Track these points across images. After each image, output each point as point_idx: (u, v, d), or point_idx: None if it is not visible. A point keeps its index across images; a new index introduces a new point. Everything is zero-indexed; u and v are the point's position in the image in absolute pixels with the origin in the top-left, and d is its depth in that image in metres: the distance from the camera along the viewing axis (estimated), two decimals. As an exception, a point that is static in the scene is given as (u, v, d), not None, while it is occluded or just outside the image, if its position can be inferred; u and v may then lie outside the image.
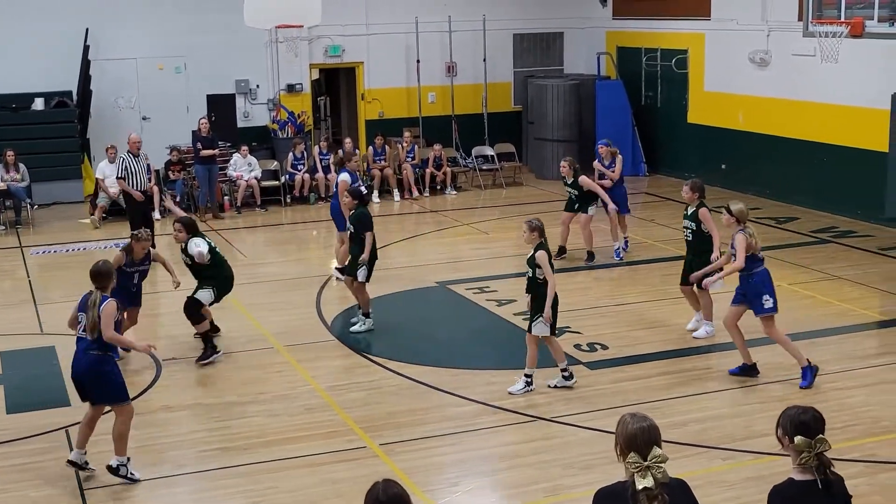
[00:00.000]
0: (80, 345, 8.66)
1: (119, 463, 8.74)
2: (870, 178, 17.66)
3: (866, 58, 17.01)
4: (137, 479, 8.72)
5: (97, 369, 8.59)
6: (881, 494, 8.07)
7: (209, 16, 21.53)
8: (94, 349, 8.54)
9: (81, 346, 8.64)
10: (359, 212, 12.52)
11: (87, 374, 8.64)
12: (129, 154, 16.46)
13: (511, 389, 10.44)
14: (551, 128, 22.77)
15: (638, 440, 4.71)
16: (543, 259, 10.23)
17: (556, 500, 8.31)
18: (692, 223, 11.86)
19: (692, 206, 11.90)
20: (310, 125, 22.92)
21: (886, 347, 11.84)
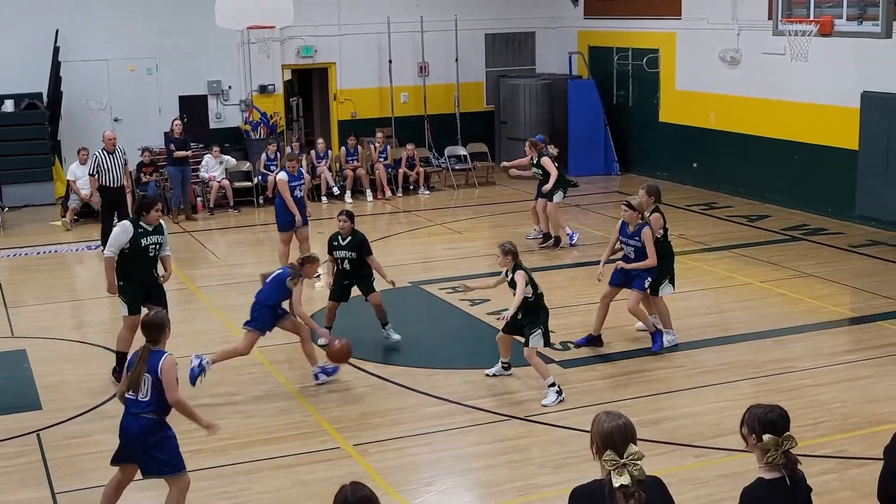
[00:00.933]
0: (131, 407, 7.44)
1: None
2: (840, 176, 17.80)
3: (836, 56, 17.14)
4: None
5: (153, 436, 7.43)
6: (852, 490, 8.13)
7: (180, 17, 21.44)
8: (149, 412, 7.40)
9: (132, 408, 7.43)
10: (360, 236, 12.06)
11: (138, 441, 7.44)
12: (103, 151, 16.44)
13: (545, 402, 10.19)
14: (524, 127, 22.79)
15: (614, 438, 4.74)
16: (522, 279, 10.34)
17: (530, 499, 8.33)
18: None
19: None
20: (282, 126, 22.88)
21: (857, 344, 11.93)
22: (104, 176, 16.41)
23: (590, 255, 15.99)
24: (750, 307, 13.21)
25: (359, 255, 11.92)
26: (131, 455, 7.56)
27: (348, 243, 11.93)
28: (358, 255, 11.90)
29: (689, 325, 12.46)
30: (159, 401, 7.39)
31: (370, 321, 13.07)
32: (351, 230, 11.94)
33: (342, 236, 11.96)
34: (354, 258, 11.91)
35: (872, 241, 16.52)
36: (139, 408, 7.39)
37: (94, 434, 9.79)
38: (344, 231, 11.94)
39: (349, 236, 11.95)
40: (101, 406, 10.44)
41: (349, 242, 11.94)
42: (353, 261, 11.93)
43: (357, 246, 11.95)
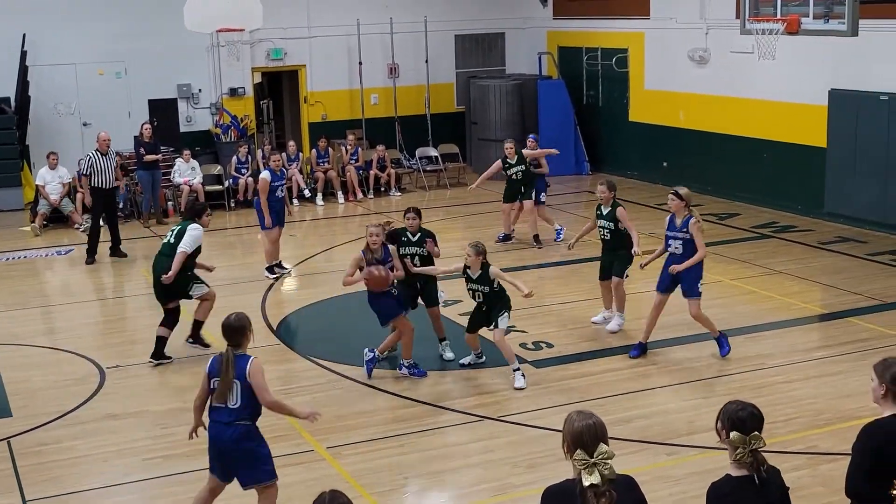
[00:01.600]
0: (220, 416, 7.23)
1: None
2: (809, 174, 17.92)
3: (803, 54, 17.25)
4: None
5: (248, 445, 7.24)
6: (823, 485, 8.18)
7: (149, 20, 21.31)
8: (242, 419, 7.19)
9: (222, 416, 7.21)
10: (427, 231, 11.56)
11: (234, 450, 7.24)
12: (96, 152, 16.48)
13: (517, 385, 10.60)
14: (494, 128, 22.83)
15: (584, 437, 4.74)
16: (497, 272, 10.70)
17: (504, 499, 8.33)
18: (609, 223, 12.24)
19: (607, 207, 12.25)
20: (253, 129, 22.81)
21: (828, 340, 12.01)
22: (97, 177, 16.42)
23: (562, 254, 16.02)
24: (721, 305, 13.27)
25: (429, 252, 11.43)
26: (226, 465, 7.36)
27: (418, 239, 11.44)
28: (429, 253, 11.42)
29: (661, 324, 12.46)
30: (251, 405, 7.20)
31: (342, 322, 13.08)
32: (419, 227, 11.42)
33: (411, 233, 11.46)
34: (425, 255, 11.43)
35: (841, 237, 16.64)
36: (231, 416, 7.18)
37: (65, 440, 9.74)
38: (412, 228, 11.43)
39: (418, 232, 11.45)
40: (72, 412, 10.38)
41: (419, 238, 11.44)
42: (424, 258, 11.44)
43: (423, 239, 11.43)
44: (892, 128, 16.33)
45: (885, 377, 5.53)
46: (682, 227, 11.13)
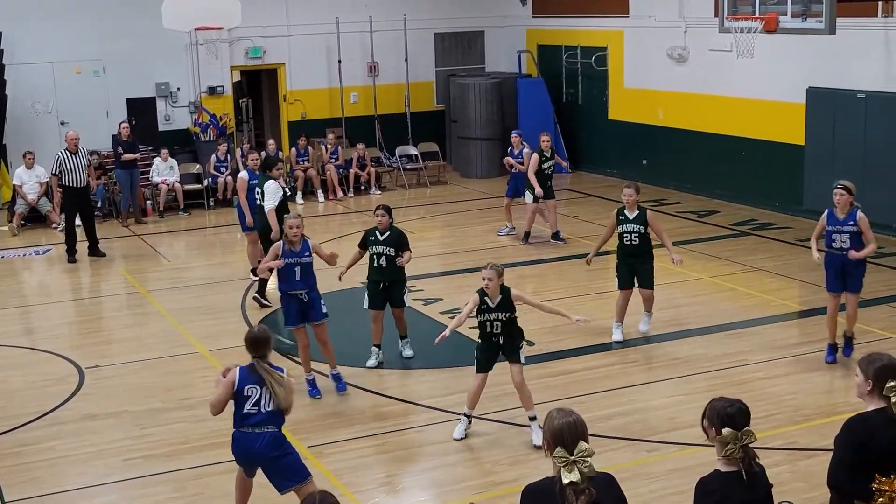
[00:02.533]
0: (249, 421, 7.29)
1: None
2: (787, 171, 18.00)
3: (781, 52, 17.32)
4: None
5: (277, 451, 7.36)
6: (803, 481, 8.22)
7: (127, 18, 21.20)
8: (272, 426, 7.32)
9: (251, 421, 7.28)
10: (398, 230, 11.38)
11: (263, 457, 7.38)
12: (65, 151, 16.44)
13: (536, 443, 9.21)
14: (474, 126, 22.83)
15: (564, 435, 4.74)
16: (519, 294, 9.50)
17: (485, 496, 8.33)
18: (639, 226, 11.62)
19: (633, 211, 11.66)
20: (232, 127, 22.73)
21: (807, 336, 12.06)
22: (67, 176, 16.40)
23: (544, 252, 16.05)
24: (701, 302, 13.32)
25: (397, 251, 11.19)
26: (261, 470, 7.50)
27: (386, 238, 11.25)
28: (396, 253, 11.17)
29: (641, 321, 12.54)
30: (279, 412, 7.31)
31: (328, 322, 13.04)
32: (389, 225, 11.19)
33: (380, 231, 11.24)
34: (392, 255, 11.20)
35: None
36: (259, 421, 7.27)
37: (44, 441, 9.69)
38: (382, 226, 11.21)
39: (388, 231, 11.23)
40: (51, 413, 10.33)
41: (387, 237, 11.25)
42: (391, 259, 11.23)
43: (396, 241, 11.26)
44: (869, 126, 16.43)
45: (869, 372, 5.56)
46: (846, 221, 10.66)
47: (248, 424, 7.30)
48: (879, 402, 5.53)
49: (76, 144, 16.49)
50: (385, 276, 11.32)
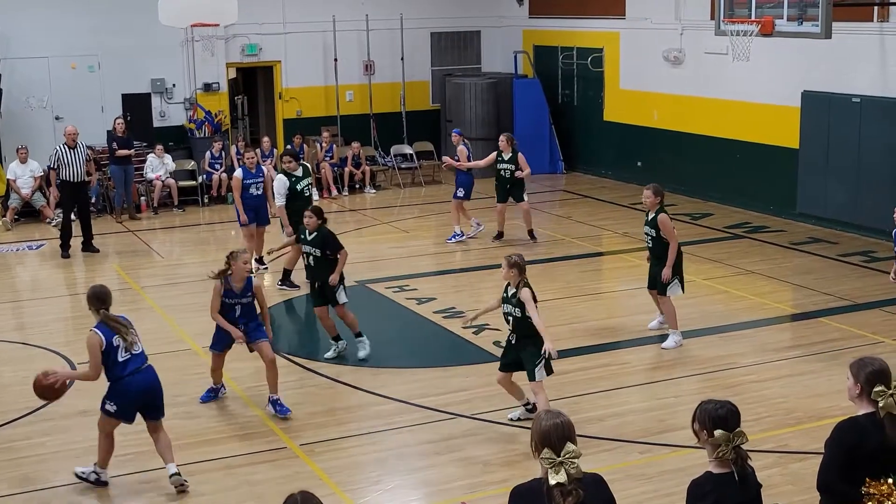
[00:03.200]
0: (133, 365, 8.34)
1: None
2: (782, 174, 18.02)
3: (777, 56, 17.34)
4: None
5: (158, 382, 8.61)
6: (793, 484, 8.24)
7: (123, 14, 21.17)
8: (146, 362, 8.52)
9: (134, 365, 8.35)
10: (325, 231, 11.45)
11: (158, 388, 8.58)
12: (64, 146, 16.43)
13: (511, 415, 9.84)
14: (469, 126, 22.81)
15: (552, 436, 4.75)
16: (530, 297, 9.31)
17: (476, 497, 8.33)
18: (651, 229, 11.59)
19: (652, 212, 11.58)
20: (227, 125, 22.71)
21: (799, 340, 12.08)
22: (65, 170, 16.40)
23: (537, 253, 16.05)
24: (694, 304, 13.33)
25: (323, 252, 11.32)
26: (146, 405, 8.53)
27: (314, 238, 11.41)
28: (322, 253, 11.31)
29: (634, 322, 12.56)
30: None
31: (316, 320, 13.05)
32: (318, 226, 11.35)
33: (308, 231, 11.42)
34: (319, 256, 11.36)
35: (813, 238, 16.75)
36: (139, 362, 8.42)
37: (34, 437, 9.69)
38: (309, 227, 11.38)
39: (315, 232, 11.40)
40: (42, 408, 10.30)
41: (315, 238, 11.42)
42: (318, 259, 11.37)
43: (321, 242, 11.38)
44: (863, 130, 16.45)
45: (859, 376, 5.58)
46: None
47: (132, 370, 8.32)
48: (869, 406, 5.55)
49: (75, 139, 16.46)
50: (315, 275, 11.46)
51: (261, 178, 14.90)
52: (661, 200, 11.54)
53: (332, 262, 11.33)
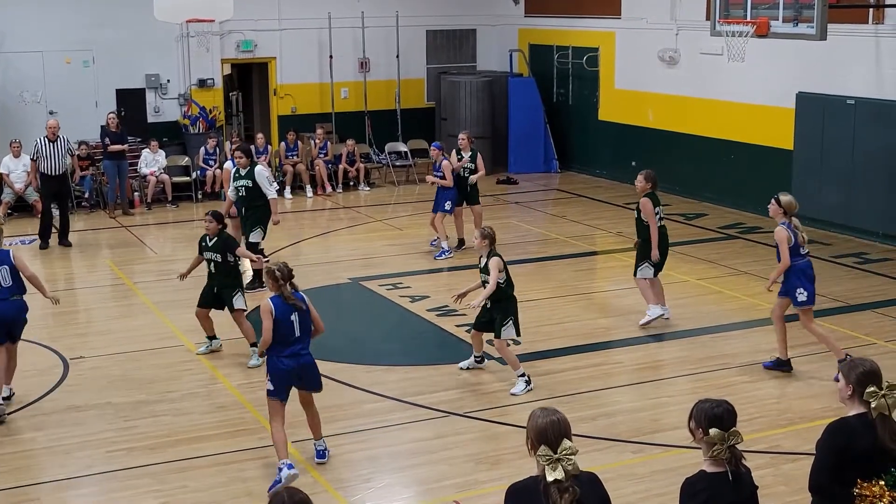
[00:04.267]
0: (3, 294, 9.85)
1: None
2: (776, 175, 18.00)
3: (772, 57, 17.35)
4: None
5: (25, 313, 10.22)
6: (786, 484, 8.24)
7: (118, 9, 21.12)
8: (16, 295, 9.99)
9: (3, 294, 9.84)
10: (225, 236, 11.57)
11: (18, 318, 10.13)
12: (44, 139, 16.74)
13: (513, 391, 10.34)
14: (464, 124, 22.75)
15: (548, 433, 4.75)
16: (496, 266, 10.22)
17: (468, 495, 8.32)
18: (636, 213, 12.33)
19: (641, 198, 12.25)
20: (221, 121, 22.67)
21: (791, 341, 12.00)
22: (43, 163, 16.72)
23: (529, 251, 16.05)
24: (687, 304, 13.34)
25: (224, 256, 11.36)
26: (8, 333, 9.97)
27: (214, 244, 11.43)
28: (223, 258, 11.36)
29: (627, 322, 12.57)
30: (18, 283, 9.96)
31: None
32: (217, 230, 11.41)
33: (209, 237, 11.48)
34: (220, 261, 11.39)
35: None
36: (7, 293, 9.85)
37: (26, 432, 9.66)
38: (210, 232, 11.45)
39: (216, 237, 11.44)
40: (33, 403, 10.29)
41: (216, 243, 11.43)
42: (219, 264, 11.41)
43: (221, 247, 11.40)
44: (857, 132, 16.46)
45: (850, 377, 5.59)
46: None
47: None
48: (860, 407, 5.55)
49: (55, 133, 16.74)
50: (215, 280, 11.51)
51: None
52: (652, 187, 12.18)
53: (234, 266, 11.50)
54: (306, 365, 8.60)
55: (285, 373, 8.49)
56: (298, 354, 8.52)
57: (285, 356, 8.46)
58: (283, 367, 8.47)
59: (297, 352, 8.51)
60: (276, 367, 8.49)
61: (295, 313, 8.49)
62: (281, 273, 8.51)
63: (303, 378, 8.61)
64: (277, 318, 8.41)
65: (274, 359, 8.51)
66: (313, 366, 8.69)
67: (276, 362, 8.49)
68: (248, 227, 13.81)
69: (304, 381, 8.66)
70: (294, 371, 8.53)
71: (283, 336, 8.43)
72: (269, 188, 13.97)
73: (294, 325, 8.48)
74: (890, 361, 10.91)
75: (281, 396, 8.52)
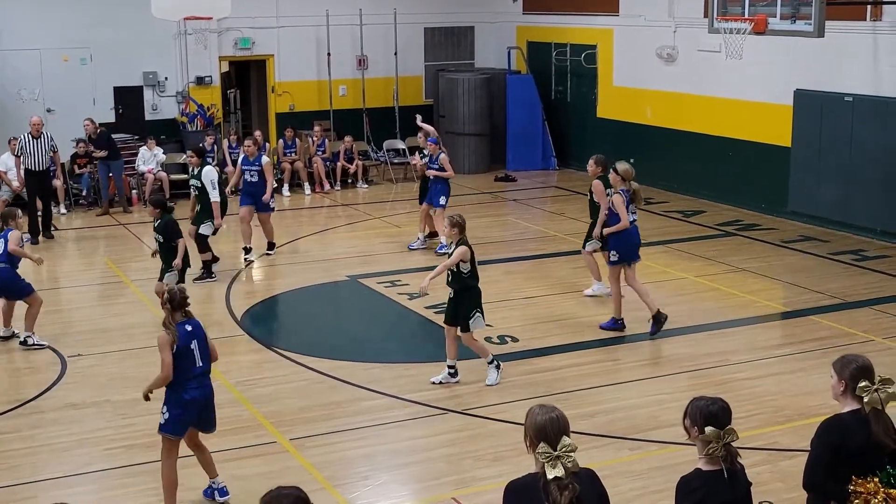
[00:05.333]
0: None
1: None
2: (773, 173, 18.04)
3: (769, 54, 17.35)
4: None
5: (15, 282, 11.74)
6: (782, 481, 8.24)
7: (116, 6, 21.09)
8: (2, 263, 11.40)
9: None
10: (167, 219, 12.58)
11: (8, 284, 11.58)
12: (28, 135, 17.22)
13: (488, 382, 10.52)
14: (462, 122, 22.83)
15: (548, 430, 4.75)
16: (459, 252, 10.24)
17: (466, 492, 8.33)
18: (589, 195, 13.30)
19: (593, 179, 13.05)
20: (219, 118, 22.67)
21: (789, 338, 12.10)
22: (27, 159, 17.26)
23: (527, 248, 16.05)
24: (685, 301, 13.34)
25: (166, 239, 12.43)
26: None
27: (157, 226, 12.55)
28: (165, 240, 12.44)
29: (625, 320, 12.56)
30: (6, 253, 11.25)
31: (307, 314, 13.08)
32: (158, 215, 12.52)
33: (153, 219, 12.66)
34: (162, 242, 12.52)
35: (804, 236, 16.77)
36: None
37: (24, 429, 9.66)
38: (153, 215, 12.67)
39: (158, 220, 12.55)
40: (31, 401, 10.29)
41: (158, 225, 12.54)
42: (161, 244, 12.55)
43: (163, 229, 12.46)
44: (855, 129, 16.47)
45: (843, 374, 5.60)
46: None
47: None
48: (853, 404, 5.56)
49: (38, 130, 17.24)
50: (163, 259, 12.64)
51: (256, 167, 15.37)
52: (603, 170, 12.79)
53: (174, 248, 12.49)
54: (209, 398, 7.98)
55: (194, 405, 7.86)
56: (203, 385, 7.91)
57: (194, 388, 7.83)
58: (189, 399, 7.81)
59: (203, 381, 7.91)
60: (181, 398, 7.80)
61: (195, 341, 7.85)
62: (172, 298, 7.86)
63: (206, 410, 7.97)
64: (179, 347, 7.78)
65: (178, 391, 7.83)
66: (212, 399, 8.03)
67: (182, 394, 7.81)
68: (199, 220, 14.46)
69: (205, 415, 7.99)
70: (202, 404, 7.93)
71: (185, 368, 7.78)
72: (213, 191, 14.34)
73: (195, 353, 7.86)
74: (888, 358, 10.95)
75: (181, 433, 7.90)
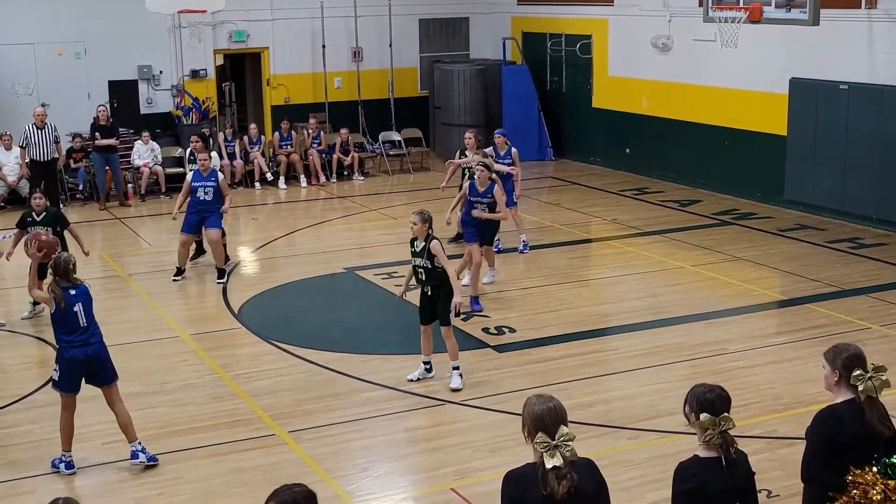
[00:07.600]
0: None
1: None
2: (769, 161, 18.04)
3: (765, 43, 17.35)
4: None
5: None
6: (781, 469, 8.25)
7: (110, 0, 21.06)
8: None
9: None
10: (52, 211, 12.77)
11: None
12: (32, 126, 17.66)
13: (453, 386, 10.21)
14: (458, 113, 22.81)
15: (545, 420, 4.75)
16: (440, 249, 9.99)
17: (465, 483, 8.34)
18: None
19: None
20: (215, 111, 22.63)
21: (786, 326, 12.10)
22: (32, 149, 17.69)
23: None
24: (682, 291, 13.35)
25: (54, 230, 11.98)
26: None
27: (43, 218, 12.48)
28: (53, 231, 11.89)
29: (622, 309, 12.58)
30: None
31: (304, 306, 13.07)
32: (45, 206, 12.59)
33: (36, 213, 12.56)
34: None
35: (800, 224, 16.78)
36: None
37: (23, 424, 9.65)
38: (38, 208, 12.57)
39: (43, 212, 12.55)
40: (30, 395, 10.28)
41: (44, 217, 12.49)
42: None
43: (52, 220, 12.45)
44: (851, 117, 16.47)
45: (835, 363, 5.60)
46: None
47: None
48: (848, 393, 5.55)
49: (43, 120, 17.62)
50: None
51: (211, 183, 14.03)
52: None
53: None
54: (94, 356, 8.52)
55: (75, 362, 8.44)
56: (87, 343, 8.47)
57: (75, 346, 8.44)
58: (69, 357, 8.44)
59: (86, 341, 8.47)
60: (64, 356, 8.46)
61: (78, 304, 8.44)
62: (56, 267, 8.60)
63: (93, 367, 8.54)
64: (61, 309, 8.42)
65: (62, 350, 8.50)
66: (102, 357, 8.60)
67: (62, 352, 8.48)
68: None
69: (94, 371, 8.58)
70: (83, 362, 8.47)
71: (69, 329, 8.42)
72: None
73: (79, 314, 8.44)
74: (885, 345, 10.97)
75: (69, 389, 8.51)
